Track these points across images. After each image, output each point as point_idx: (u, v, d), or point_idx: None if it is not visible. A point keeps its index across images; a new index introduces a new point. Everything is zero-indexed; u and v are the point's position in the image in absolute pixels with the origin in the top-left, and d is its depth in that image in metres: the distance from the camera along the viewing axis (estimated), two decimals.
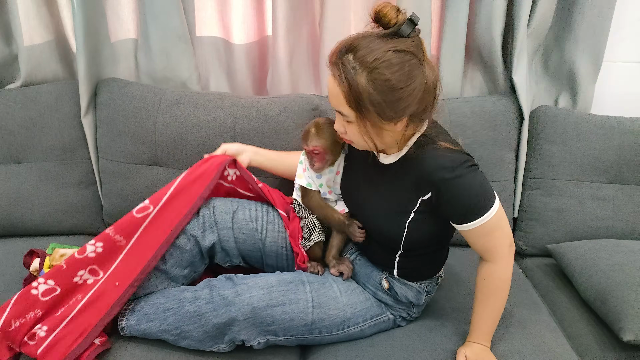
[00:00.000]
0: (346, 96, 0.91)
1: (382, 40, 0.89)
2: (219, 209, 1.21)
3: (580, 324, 1.27)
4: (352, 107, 0.92)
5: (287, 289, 1.10)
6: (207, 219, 1.19)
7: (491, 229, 1.01)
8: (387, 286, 1.17)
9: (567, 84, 1.60)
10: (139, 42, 1.62)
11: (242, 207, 1.25)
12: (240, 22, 1.60)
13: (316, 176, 1.22)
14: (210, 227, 1.19)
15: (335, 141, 1.15)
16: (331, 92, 0.95)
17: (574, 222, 1.51)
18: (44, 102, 1.52)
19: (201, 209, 1.20)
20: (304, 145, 1.17)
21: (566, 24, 1.53)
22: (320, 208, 1.22)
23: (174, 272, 1.17)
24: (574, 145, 1.50)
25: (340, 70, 0.89)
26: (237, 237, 1.21)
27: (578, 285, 1.31)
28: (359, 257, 1.24)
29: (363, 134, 0.96)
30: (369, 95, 0.89)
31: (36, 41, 1.54)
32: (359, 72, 0.88)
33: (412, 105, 0.92)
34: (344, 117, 0.96)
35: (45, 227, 1.54)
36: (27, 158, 1.53)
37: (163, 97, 1.51)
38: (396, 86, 0.89)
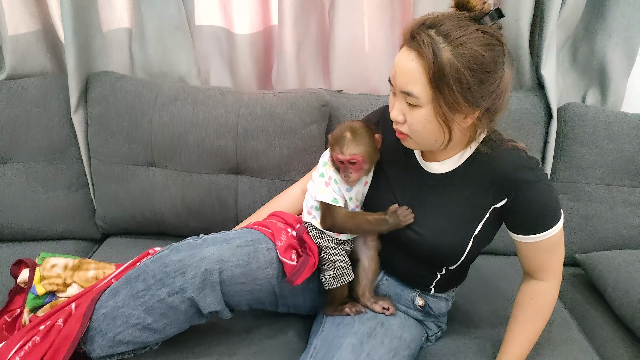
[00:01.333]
0: (428, 70, 0.80)
1: (467, 19, 0.82)
2: (227, 262, 0.98)
3: (614, 344, 1.17)
4: (432, 83, 0.81)
5: (368, 352, 0.94)
6: (208, 275, 0.97)
7: (554, 244, 0.95)
8: (422, 304, 1.07)
9: (596, 78, 1.49)
10: (133, 32, 1.51)
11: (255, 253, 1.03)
12: (244, 10, 1.49)
13: (346, 189, 1.03)
14: (212, 286, 0.97)
15: (374, 147, 1.00)
16: (402, 69, 0.84)
17: (605, 230, 1.40)
18: (30, 97, 1.42)
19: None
20: (337, 154, 0.98)
21: (598, 14, 1.42)
22: (348, 220, 1.02)
23: (168, 331, 1.00)
24: (605, 146, 1.39)
25: (423, 43, 0.80)
26: (251, 289, 1.02)
27: (612, 301, 1.21)
28: (386, 277, 1.12)
29: (431, 122, 0.85)
30: (457, 72, 0.80)
31: (21, 30, 1.44)
32: (445, 46, 0.80)
33: (492, 95, 0.84)
34: (412, 98, 0.84)
35: (33, 233, 1.45)
36: (13, 158, 1.43)
37: (160, 93, 1.39)
38: (485, 66, 0.81)
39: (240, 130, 1.35)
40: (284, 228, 1.09)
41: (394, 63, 0.87)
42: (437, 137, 0.88)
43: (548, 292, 1.00)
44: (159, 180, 1.41)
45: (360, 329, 0.99)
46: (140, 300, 0.96)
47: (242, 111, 1.36)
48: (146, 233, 1.50)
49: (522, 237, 0.95)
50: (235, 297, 1.01)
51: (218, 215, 1.42)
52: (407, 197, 1.01)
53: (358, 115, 1.40)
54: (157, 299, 0.96)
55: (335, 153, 0.99)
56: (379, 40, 1.48)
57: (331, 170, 1.03)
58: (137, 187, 1.42)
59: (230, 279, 0.97)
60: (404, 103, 0.87)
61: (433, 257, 1.00)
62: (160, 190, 1.41)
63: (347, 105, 1.43)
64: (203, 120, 1.36)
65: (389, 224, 0.99)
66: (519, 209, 0.92)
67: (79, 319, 0.97)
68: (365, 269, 1.07)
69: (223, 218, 1.43)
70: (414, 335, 1.05)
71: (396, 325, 1.03)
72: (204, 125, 1.36)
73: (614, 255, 1.30)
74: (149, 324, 0.97)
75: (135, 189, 1.42)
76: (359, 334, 0.97)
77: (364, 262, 1.07)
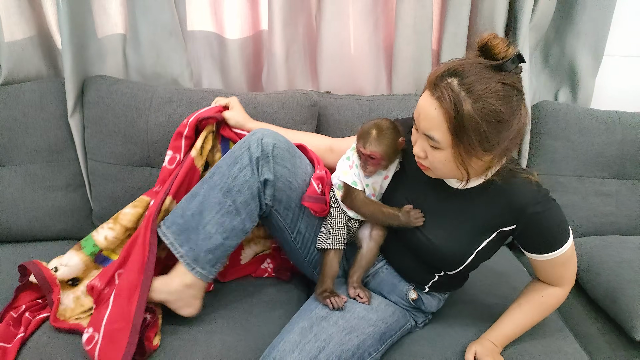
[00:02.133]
0: (449, 121, 0.86)
1: (489, 70, 0.86)
2: (280, 143, 1.11)
3: (587, 323, 1.25)
4: (452, 133, 0.87)
5: (315, 333, 1.00)
6: (265, 146, 1.08)
7: (567, 258, 1.02)
8: (415, 297, 1.14)
9: (567, 78, 1.59)
10: (127, 37, 1.56)
11: (300, 156, 1.18)
12: (234, 16, 1.55)
13: (364, 176, 1.11)
14: (266, 157, 1.08)
15: (395, 149, 1.07)
16: (425, 114, 0.90)
17: (578, 219, 1.50)
18: (27, 101, 1.45)
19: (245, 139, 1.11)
20: (360, 147, 1.06)
21: (567, 17, 1.52)
22: (365, 205, 1.11)
23: (245, 211, 1.09)
24: (576, 140, 1.48)
25: (445, 94, 0.85)
26: (291, 182, 1.13)
27: (585, 284, 1.29)
28: (386, 267, 1.18)
29: (450, 162, 0.92)
30: (476, 124, 0.85)
31: (17, 37, 1.47)
32: (465, 98, 0.85)
33: (509, 140, 0.89)
34: (433, 142, 0.90)
35: (32, 233, 1.47)
36: (11, 160, 1.46)
37: (155, 95, 1.44)
38: (503, 118, 0.86)
39: None
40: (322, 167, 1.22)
41: (418, 104, 0.93)
42: (455, 174, 0.95)
43: (559, 295, 1.07)
44: (155, 179, 1.44)
45: (318, 313, 1.05)
46: (217, 187, 1.07)
47: None
48: None
49: (535, 256, 1.02)
50: (277, 179, 1.10)
51: None
52: (422, 201, 1.08)
53: (345, 114, 1.47)
54: (231, 179, 1.06)
55: (359, 145, 1.07)
56: (363, 43, 1.55)
57: (355, 156, 1.12)
58: (134, 186, 1.46)
59: (278, 156, 1.09)
60: (426, 143, 0.93)
61: (434, 260, 1.07)
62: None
63: (335, 104, 1.50)
64: None
65: (400, 221, 1.06)
66: (530, 235, 0.99)
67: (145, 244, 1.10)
68: (362, 257, 1.14)
69: None
70: (387, 317, 1.10)
71: (361, 307, 1.09)
72: None
73: (586, 241, 1.39)
74: (230, 205, 1.06)
75: (132, 188, 1.46)
76: (312, 317, 1.03)
77: (363, 251, 1.15)
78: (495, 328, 1.08)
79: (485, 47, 0.88)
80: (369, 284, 1.19)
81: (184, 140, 1.25)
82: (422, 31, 1.46)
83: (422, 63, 1.52)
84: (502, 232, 1.01)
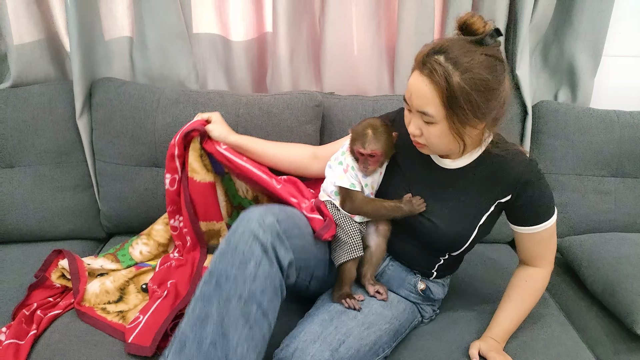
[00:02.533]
0: (441, 95, 0.90)
1: (471, 44, 0.92)
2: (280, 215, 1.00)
3: (588, 317, 1.28)
4: (445, 105, 0.91)
5: (336, 326, 1.01)
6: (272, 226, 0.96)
7: (550, 235, 1.09)
8: (424, 288, 1.16)
9: (566, 78, 1.61)
10: (134, 40, 1.58)
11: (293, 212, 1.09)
12: (239, 18, 1.57)
13: (363, 176, 1.14)
14: (279, 236, 0.96)
15: (391, 144, 1.11)
16: (417, 92, 0.94)
17: (577, 216, 1.52)
18: (36, 103, 1.47)
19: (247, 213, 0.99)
20: (359, 148, 1.08)
21: (566, 18, 1.54)
22: (366, 204, 1.12)
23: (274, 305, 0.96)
24: (575, 139, 1.51)
25: (434, 70, 0.90)
26: (303, 245, 1.04)
27: (585, 278, 1.32)
28: (392, 263, 1.20)
29: (446, 135, 0.96)
30: (467, 94, 0.90)
31: (26, 40, 1.49)
32: (454, 71, 0.89)
33: (498, 107, 0.95)
34: (428, 117, 0.94)
35: (41, 233, 1.50)
36: (21, 162, 1.48)
37: (162, 96, 1.47)
38: (491, 86, 0.91)
39: (240, 130, 1.43)
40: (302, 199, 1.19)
41: (408, 85, 0.97)
42: (452, 146, 1.00)
43: (542, 278, 1.12)
44: (163, 179, 1.47)
45: (336, 307, 1.06)
46: (234, 298, 0.89)
47: (241, 112, 1.44)
48: None
49: (522, 228, 1.08)
50: (295, 253, 0.99)
51: None
52: (420, 188, 1.11)
53: (349, 114, 1.50)
54: (250, 281, 0.90)
55: (356, 147, 1.09)
56: (366, 44, 1.57)
57: (349, 159, 1.14)
58: (141, 186, 1.49)
59: (287, 230, 0.99)
60: (420, 120, 0.97)
61: (441, 243, 1.10)
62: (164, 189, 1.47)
63: (339, 105, 1.53)
64: None
65: (403, 211, 1.09)
66: (522, 204, 1.05)
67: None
68: (372, 254, 1.16)
69: None
70: (400, 314, 1.12)
71: (378, 304, 1.11)
72: None
73: (586, 238, 1.42)
74: (256, 312, 0.90)
75: (140, 188, 1.49)
76: (332, 311, 1.05)
77: (372, 248, 1.16)
78: (493, 325, 1.11)
79: (464, 25, 0.94)
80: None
81: (177, 159, 1.26)
82: (424, 32, 1.49)
83: None
84: (499, 204, 1.07)
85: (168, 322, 1.10)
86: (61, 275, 1.27)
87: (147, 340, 1.07)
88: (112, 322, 1.14)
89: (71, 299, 1.20)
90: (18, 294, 1.23)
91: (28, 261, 1.38)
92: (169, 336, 1.09)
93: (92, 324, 1.14)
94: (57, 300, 1.22)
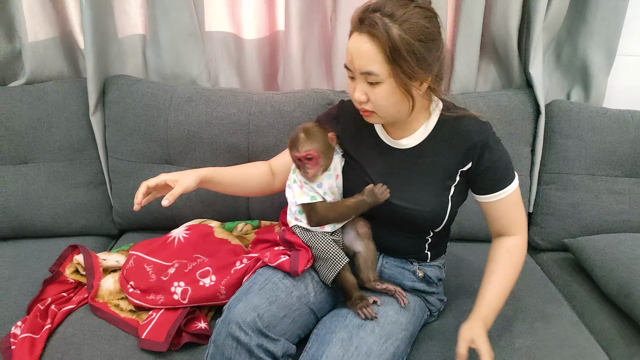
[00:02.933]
0: (384, 49, 0.89)
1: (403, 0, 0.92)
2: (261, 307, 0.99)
3: (601, 318, 1.27)
4: (389, 59, 0.90)
5: (356, 346, 0.97)
6: (254, 324, 0.96)
7: (517, 199, 1.07)
8: (422, 274, 1.15)
9: (579, 77, 1.60)
10: (147, 38, 1.59)
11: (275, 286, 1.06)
12: (252, 16, 1.58)
13: (317, 185, 1.10)
14: (264, 334, 0.97)
15: (327, 144, 1.08)
16: (358, 52, 0.93)
17: (590, 217, 1.51)
18: (50, 100, 1.49)
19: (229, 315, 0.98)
20: (295, 152, 1.07)
21: (580, 17, 1.53)
22: (329, 210, 1.10)
23: None
24: (589, 139, 1.50)
25: (373, 25, 0.89)
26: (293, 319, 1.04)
27: (599, 279, 1.31)
28: (386, 260, 1.18)
29: (394, 94, 0.94)
30: (409, 44, 0.89)
31: (40, 37, 1.51)
32: (392, 25, 0.89)
33: (439, 60, 0.95)
34: (373, 77, 0.93)
35: (55, 229, 1.51)
36: (35, 158, 1.50)
37: (174, 95, 1.48)
38: (431, 35, 0.92)
39: (252, 128, 1.44)
40: (271, 248, 1.18)
41: (347, 49, 0.95)
42: (400, 107, 0.97)
43: (521, 246, 1.09)
44: None
45: (352, 321, 1.02)
46: None
47: (253, 110, 1.45)
48: (161, 228, 1.55)
49: (488, 196, 1.06)
50: (285, 335, 1.02)
51: (230, 206, 1.51)
52: (381, 175, 1.09)
53: None
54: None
55: (292, 152, 1.08)
56: None
57: (298, 174, 1.11)
58: None
59: (272, 318, 0.99)
60: (365, 83, 0.95)
61: (419, 224, 1.08)
62: None
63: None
64: (216, 118, 1.44)
65: (368, 203, 1.06)
66: (483, 170, 1.03)
67: None
68: (364, 258, 1.12)
69: (235, 210, 1.51)
70: (412, 316, 1.10)
71: (392, 311, 1.07)
72: (217, 123, 1.44)
73: (600, 239, 1.41)
74: None
75: None
76: (349, 326, 1.01)
77: (362, 252, 1.12)
78: (481, 305, 1.05)
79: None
80: None
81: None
82: None
83: None
84: (462, 173, 1.06)
85: (181, 318, 1.11)
86: (75, 270, 1.28)
87: (160, 335, 1.07)
88: (125, 318, 1.15)
89: (84, 294, 1.21)
90: (32, 289, 1.25)
91: (42, 256, 1.39)
92: (183, 332, 1.10)
93: (105, 319, 1.15)
94: (71, 295, 1.23)
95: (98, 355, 1.06)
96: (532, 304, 1.25)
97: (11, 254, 1.40)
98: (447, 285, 1.31)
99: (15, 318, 1.16)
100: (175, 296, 1.14)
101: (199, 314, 1.16)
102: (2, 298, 1.21)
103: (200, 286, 1.15)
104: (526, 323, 1.18)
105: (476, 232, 1.55)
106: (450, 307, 1.25)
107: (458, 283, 1.34)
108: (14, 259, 1.38)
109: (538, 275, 1.42)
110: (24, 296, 1.22)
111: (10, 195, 1.47)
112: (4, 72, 1.58)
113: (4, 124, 1.46)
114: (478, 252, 1.49)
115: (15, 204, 1.47)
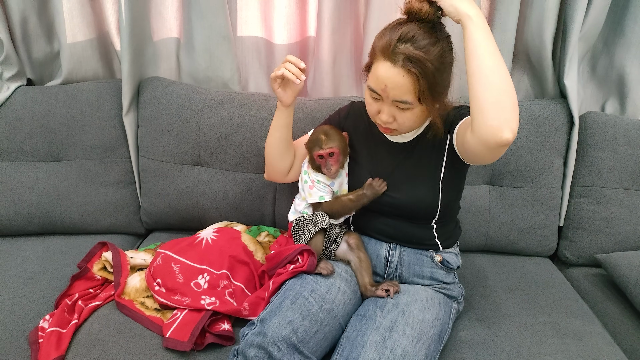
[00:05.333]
0: (419, 83, 0.96)
1: (430, 30, 0.97)
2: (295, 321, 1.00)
3: (635, 338, 1.22)
4: (421, 91, 0.98)
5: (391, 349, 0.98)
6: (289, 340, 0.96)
7: None
8: (440, 259, 1.19)
9: (615, 89, 1.57)
10: (181, 41, 1.61)
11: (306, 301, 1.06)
12: (283, 22, 1.59)
13: (330, 184, 1.20)
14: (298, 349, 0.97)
15: (344, 142, 1.20)
16: (394, 84, 0.98)
17: (624, 232, 1.46)
18: (85, 100, 1.52)
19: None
20: (318, 151, 1.16)
21: (617, 28, 1.51)
22: (333, 205, 1.19)
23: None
24: (624, 152, 1.46)
25: (409, 60, 0.95)
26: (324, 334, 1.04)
27: (633, 297, 1.26)
28: (404, 248, 1.20)
29: (421, 116, 1.04)
30: (441, 79, 0.99)
31: (78, 39, 1.55)
32: (427, 62, 0.95)
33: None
34: (405, 105, 1.00)
35: (83, 226, 1.53)
36: (68, 156, 1.53)
37: (207, 97, 1.49)
38: (450, 61, 1.01)
39: None
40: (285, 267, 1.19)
41: (379, 76, 1.00)
42: (420, 122, 1.09)
43: None
44: (204, 178, 1.50)
45: (382, 323, 1.04)
46: None
47: None
48: (187, 228, 1.58)
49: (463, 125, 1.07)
50: (316, 353, 1.02)
51: (257, 210, 1.51)
52: (379, 169, 1.18)
53: None
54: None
55: (315, 151, 1.17)
56: None
57: (313, 174, 1.21)
58: (183, 184, 1.51)
59: (306, 334, 0.99)
60: (394, 107, 1.03)
61: (414, 212, 1.15)
62: (204, 187, 1.50)
63: None
64: (248, 122, 1.45)
65: (368, 196, 1.15)
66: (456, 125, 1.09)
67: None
68: (358, 269, 1.20)
69: (261, 213, 1.52)
70: (438, 312, 1.11)
71: (417, 309, 1.09)
72: (249, 126, 1.45)
73: (635, 255, 1.36)
74: None
75: (181, 186, 1.51)
76: (381, 329, 1.02)
77: (355, 261, 1.20)
78: None
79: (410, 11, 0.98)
80: (403, 277, 1.21)
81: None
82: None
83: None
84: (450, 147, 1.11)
85: (206, 319, 1.11)
86: (102, 267, 1.29)
87: (184, 335, 1.07)
88: (150, 316, 1.16)
89: (110, 291, 1.23)
90: (61, 284, 1.27)
91: (70, 252, 1.42)
92: (207, 332, 1.10)
93: (131, 316, 1.16)
94: (97, 291, 1.25)
95: (122, 352, 1.06)
96: (562, 320, 1.23)
97: (41, 250, 1.43)
98: (472, 296, 1.30)
99: (44, 312, 1.17)
100: (202, 302, 1.15)
101: (223, 316, 1.16)
102: (32, 292, 1.23)
103: (228, 301, 1.18)
104: (558, 339, 1.15)
105: (504, 245, 1.52)
106: (478, 318, 1.23)
107: (484, 293, 1.33)
108: (43, 254, 1.40)
109: (568, 290, 1.38)
110: (53, 291, 1.24)
111: (42, 191, 1.49)
112: (43, 72, 1.63)
113: (39, 121, 1.49)
114: (505, 265, 1.49)
115: (47, 200, 1.49)
